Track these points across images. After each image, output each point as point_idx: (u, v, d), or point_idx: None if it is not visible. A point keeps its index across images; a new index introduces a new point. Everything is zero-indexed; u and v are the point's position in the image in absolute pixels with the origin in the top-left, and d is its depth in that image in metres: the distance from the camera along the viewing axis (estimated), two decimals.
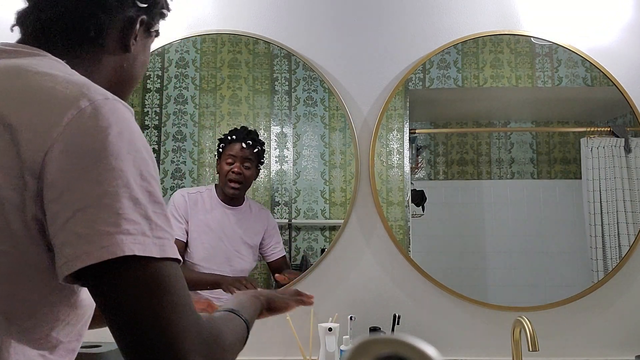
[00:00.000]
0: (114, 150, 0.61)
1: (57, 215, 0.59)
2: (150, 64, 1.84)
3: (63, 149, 0.60)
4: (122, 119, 0.64)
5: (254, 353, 1.72)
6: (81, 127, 0.61)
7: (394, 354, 0.37)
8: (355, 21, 1.86)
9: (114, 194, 0.60)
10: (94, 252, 0.58)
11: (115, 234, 0.58)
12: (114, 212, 0.59)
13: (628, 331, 1.71)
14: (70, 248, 0.58)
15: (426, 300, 1.74)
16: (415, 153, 1.83)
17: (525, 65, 1.81)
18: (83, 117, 0.61)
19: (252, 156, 1.76)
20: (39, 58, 0.70)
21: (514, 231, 1.79)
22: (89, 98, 0.62)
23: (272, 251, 1.77)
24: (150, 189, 0.63)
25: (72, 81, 0.65)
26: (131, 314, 0.59)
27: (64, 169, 0.59)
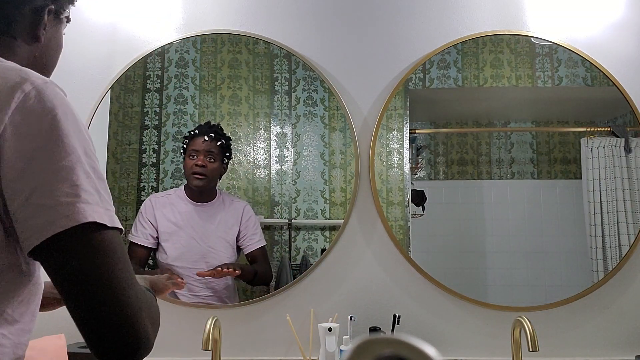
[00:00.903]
0: (63, 128, 0.66)
1: (18, 193, 0.64)
2: (150, 64, 1.84)
3: (15, 131, 0.64)
4: (63, 101, 0.69)
5: (254, 353, 1.72)
6: (29, 109, 0.65)
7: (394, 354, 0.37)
8: (356, 21, 1.86)
9: (70, 168, 0.65)
10: (59, 220, 0.63)
11: (76, 203, 0.64)
12: (73, 184, 0.65)
13: (628, 331, 1.71)
14: (35, 219, 0.63)
15: (426, 300, 1.74)
16: (415, 153, 1.83)
17: (525, 65, 1.81)
18: (29, 100, 0.66)
19: (214, 149, 1.76)
20: None
21: (514, 231, 1.79)
22: (30, 82, 0.67)
23: (247, 243, 1.76)
24: (94, 165, 0.69)
25: (7, 67, 0.69)
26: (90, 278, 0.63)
27: (19, 149, 0.64)
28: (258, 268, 1.76)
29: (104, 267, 0.64)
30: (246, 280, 1.76)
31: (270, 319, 1.74)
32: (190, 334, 1.68)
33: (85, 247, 0.64)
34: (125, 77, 1.83)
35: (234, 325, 1.72)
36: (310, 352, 1.65)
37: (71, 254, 0.64)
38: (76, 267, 0.63)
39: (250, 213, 1.77)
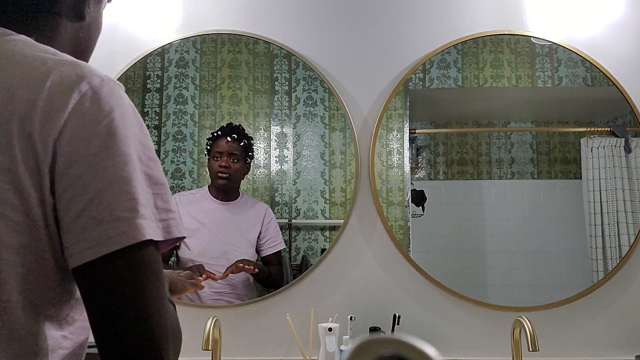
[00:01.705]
0: (120, 134, 0.62)
1: (72, 202, 0.60)
2: (150, 64, 1.85)
3: (71, 135, 0.60)
4: (120, 100, 0.64)
5: (254, 353, 1.72)
6: (85, 112, 0.61)
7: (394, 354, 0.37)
8: (356, 21, 1.86)
9: (127, 179, 0.61)
10: (117, 237, 0.59)
11: (134, 218, 0.60)
12: (131, 197, 0.61)
13: (628, 331, 1.71)
14: (90, 233, 0.59)
15: (426, 300, 1.74)
16: (415, 153, 1.83)
17: (525, 65, 1.81)
18: (85, 102, 0.61)
19: (237, 150, 1.78)
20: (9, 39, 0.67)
21: (514, 231, 1.79)
22: (87, 81, 0.62)
23: (267, 246, 1.78)
24: (150, 171, 0.65)
25: (61, 62, 0.64)
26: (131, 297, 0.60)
27: (74, 156, 0.60)
28: (272, 270, 1.78)
29: (147, 287, 0.62)
30: (260, 279, 1.77)
31: (270, 319, 1.74)
32: (190, 334, 1.68)
33: (135, 266, 0.61)
34: (125, 77, 1.83)
35: (234, 325, 1.72)
36: (310, 352, 1.65)
37: (120, 271, 0.60)
38: (120, 284, 0.60)
39: (272, 216, 1.79)
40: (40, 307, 0.63)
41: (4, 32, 0.68)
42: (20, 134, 0.59)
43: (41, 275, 0.62)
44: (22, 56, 0.64)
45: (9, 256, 0.60)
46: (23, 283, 0.61)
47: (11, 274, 0.60)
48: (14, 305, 0.61)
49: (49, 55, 0.65)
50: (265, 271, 1.77)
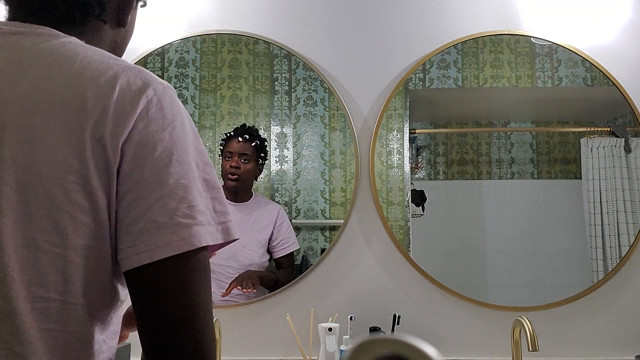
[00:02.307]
0: (182, 142, 0.64)
1: (134, 204, 0.61)
2: (150, 64, 1.85)
3: (138, 140, 0.62)
4: (180, 108, 0.67)
5: (254, 353, 1.72)
6: (151, 118, 0.63)
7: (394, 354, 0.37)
8: (356, 21, 1.86)
9: (187, 187, 0.63)
10: (175, 242, 0.60)
11: (192, 225, 0.62)
12: (190, 204, 0.62)
13: (628, 331, 1.71)
14: (149, 236, 0.60)
15: (426, 300, 1.74)
16: (415, 153, 1.83)
17: (525, 65, 1.81)
18: (151, 107, 0.63)
19: (249, 150, 1.77)
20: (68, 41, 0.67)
21: (514, 231, 1.79)
22: (153, 87, 0.64)
23: (279, 247, 1.78)
24: (207, 176, 0.66)
25: (125, 67, 0.65)
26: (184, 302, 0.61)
27: (138, 160, 0.61)
28: (280, 275, 1.77)
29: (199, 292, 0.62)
30: (267, 287, 1.77)
31: (270, 319, 1.74)
32: None
33: (190, 271, 0.62)
34: None
35: (234, 325, 1.72)
36: (310, 352, 1.65)
37: (176, 275, 0.61)
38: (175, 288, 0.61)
39: (285, 217, 1.78)
40: (95, 311, 0.64)
41: (56, 33, 0.68)
42: (93, 137, 0.60)
43: (101, 279, 0.63)
44: (89, 60, 0.64)
45: (76, 258, 0.60)
46: (86, 285, 0.62)
47: (77, 275, 0.61)
48: (78, 307, 0.61)
49: (112, 60, 0.66)
50: (271, 278, 1.76)
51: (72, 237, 0.60)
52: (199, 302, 0.62)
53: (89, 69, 0.63)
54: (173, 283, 0.61)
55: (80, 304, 0.61)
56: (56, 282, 0.60)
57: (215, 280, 1.72)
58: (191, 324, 0.61)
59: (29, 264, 0.59)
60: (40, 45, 0.65)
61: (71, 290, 0.60)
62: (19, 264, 0.58)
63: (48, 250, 0.59)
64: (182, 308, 0.61)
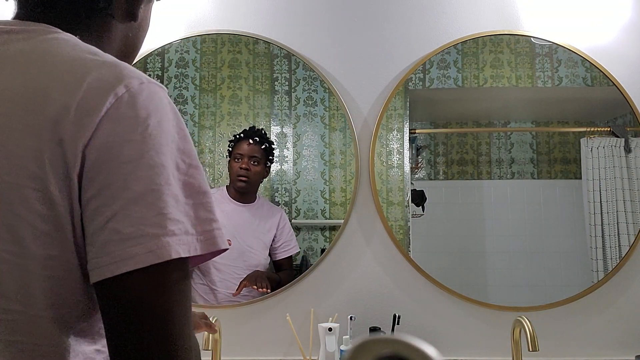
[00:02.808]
0: (155, 144, 0.58)
1: (97, 212, 0.56)
2: (150, 64, 1.85)
3: (102, 141, 0.56)
4: (160, 104, 0.61)
5: (254, 353, 1.72)
6: (119, 117, 0.57)
7: (394, 354, 0.37)
8: (356, 21, 1.86)
9: (157, 192, 0.57)
10: (142, 255, 0.55)
11: (161, 236, 0.56)
12: (159, 212, 0.56)
13: (628, 331, 1.71)
14: (113, 247, 0.55)
15: (426, 300, 1.74)
16: (415, 153, 1.83)
17: (525, 65, 1.81)
18: (120, 106, 0.57)
19: (258, 153, 1.78)
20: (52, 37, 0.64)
21: (514, 231, 1.79)
22: (125, 84, 0.58)
23: (281, 249, 1.79)
24: (190, 180, 0.61)
25: (102, 63, 0.60)
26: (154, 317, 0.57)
27: (103, 163, 0.56)
28: (282, 277, 1.78)
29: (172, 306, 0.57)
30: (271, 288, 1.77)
31: (270, 319, 1.74)
32: None
33: (160, 284, 0.57)
34: None
35: (234, 325, 1.72)
36: (310, 352, 1.65)
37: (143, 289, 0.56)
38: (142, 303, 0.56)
39: (286, 220, 1.79)
40: (71, 322, 0.60)
41: (47, 29, 0.65)
42: (52, 139, 0.56)
43: (70, 289, 0.59)
44: (63, 57, 0.60)
45: (37, 269, 0.57)
46: (52, 297, 0.58)
47: (40, 287, 0.57)
48: (43, 320, 0.58)
49: (90, 56, 0.61)
50: (276, 280, 1.77)
51: (31, 246, 0.56)
52: (169, 319, 0.57)
53: (61, 66, 0.59)
54: (141, 298, 0.56)
55: (48, 317, 0.57)
56: (17, 293, 0.56)
57: (223, 280, 1.72)
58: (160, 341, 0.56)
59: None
60: (19, 43, 0.62)
61: (34, 303, 0.57)
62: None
63: (7, 259, 0.56)
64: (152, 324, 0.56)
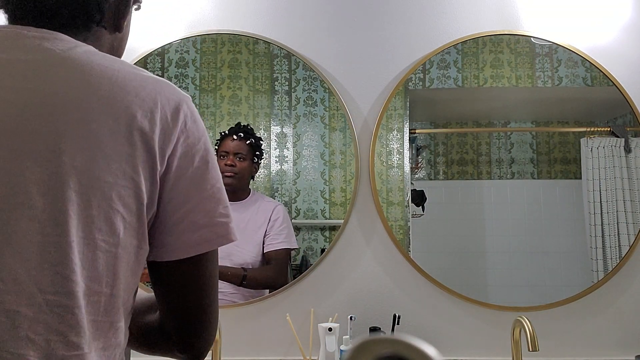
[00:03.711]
0: (210, 150, 0.74)
1: (177, 209, 0.70)
2: (150, 64, 1.85)
3: (180, 152, 0.70)
4: (201, 119, 0.75)
5: (254, 353, 1.72)
6: (189, 131, 0.71)
7: (394, 354, 0.37)
8: (356, 21, 1.86)
9: (221, 190, 0.74)
10: (216, 239, 0.72)
11: (229, 223, 0.73)
12: (224, 205, 0.73)
13: (628, 331, 1.71)
14: (190, 235, 0.70)
15: (426, 300, 1.74)
16: (415, 153, 1.83)
17: (525, 65, 1.81)
18: (188, 122, 0.71)
19: (244, 149, 1.77)
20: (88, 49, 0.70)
21: (514, 231, 1.79)
22: (185, 102, 0.72)
23: (268, 242, 1.76)
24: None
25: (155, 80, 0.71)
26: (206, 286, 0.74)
27: (181, 170, 0.70)
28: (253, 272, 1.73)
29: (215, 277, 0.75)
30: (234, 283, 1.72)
31: (270, 319, 1.74)
32: None
33: (212, 260, 0.74)
34: None
35: (234, 325, 1.72)
36: (310, 352, 1.65)
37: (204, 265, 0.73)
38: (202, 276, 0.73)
39: (280, 214, 1.77)
40: (126, 302, 0.70)
41: (76, 42, 0.71)
42: (143, 147, 0.66)
43: (136, 273, 0.70)
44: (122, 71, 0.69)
45: (124, 255, 0.67)
46: (125, 280, 0.68)
47: (123, 270, 0.67)
48: (119, 300, 0.68)
49: (139, 72, 0.72)
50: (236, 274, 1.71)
51: (123, 236, 0.66)
52: (214, 286, 0.75)
53: (127, 80, 0.68)
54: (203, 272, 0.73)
55: (121, 297, 0.68)
56: (107, 277, 0.66)
57: None
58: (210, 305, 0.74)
59: (88, 261, 0.64)
60: (69, 52, 0.68)
61: (117, 284, 0.67)
62: (81, 262, 0.63)
63: (104, 248, 0.65)
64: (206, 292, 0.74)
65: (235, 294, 1.74)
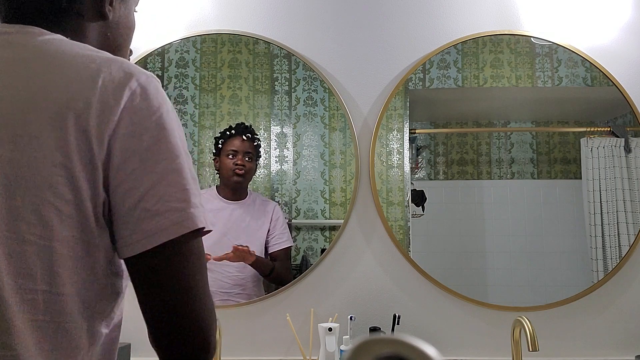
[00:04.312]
0: (169, 128, 0.65)
1: (127, 196, 0.63)
2: (150, 64, 1.85)
3: (124, 132, 0.62)
4: (164, 97, 0.68)
5: (254, 353, 1.72)
6: (136, 109, 0.64)
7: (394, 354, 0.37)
8: (356, 21, 1.86)
9: (178, 171, 0.64)
10: (171, 227, 0.62)
11: (187, 208, 0.64)
12: (182, 188, 0.64)
13: (628, 331, 1.71)
14: (145, 224, 0.62)
15: (426, 300, 1.74)
16: (415, 153, 1.83)
17: (525, 65, 1.81)
18: (135, 98, 0.64)
19: (252, 149, 1.78)
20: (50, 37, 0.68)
21: (514, 231, 1.79)
22: (136, 78, 0.65)
23: (273, 242, 1.78)
24: (191, 163, 0.68)
25: (107, 60, 0.66)
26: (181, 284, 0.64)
27: (128, 152, 0.62)
28: (277, 265, 1.78)
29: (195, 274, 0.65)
30: (262, 272, 1.76)
31: (270, 319, 1.74)
32: None
33: (186, 254, 0.65)
34: None
35: (234, 325, 1.72)
36: (311, 352, 1.65)
37: (172, 259, 0.64)
38: (171, 272, 0.64)
39: (280, 213, 1.78)
40: (90, 302, 0.65)
41: (40, 31, 0.69)
42: (77, 130, 0.61)
43: (91, 269, 0.64)
44: (70, 54, 0.65)
45: (62, 249, 0.61)
46: (74, 276, 0.63)
47: (64, 267, 0.62)
48: (66, 298, 0.62)
49: (94, 53, 0.67)
50: (268, 263, 1.76)
51: (57, 228, 0.61)
52: (195, 285, 0.65)
53: (72, 63, 0.64)
54: (171, 268, 0.63)
55: (69, 295, 0.62)
56: (43, 273, 0.61)
57: (215, 280, 1.72)
58: (191, 306, 0.64)
59: (15, 255, 0.60)
60: (27, 43, 0.67)
61: (58, 282, 0.61)
62: (5, 256, 0.59)
63: (33, 241, 0.60)
64: (181, 290, 0.64)
65: (240, 294, 1.74)
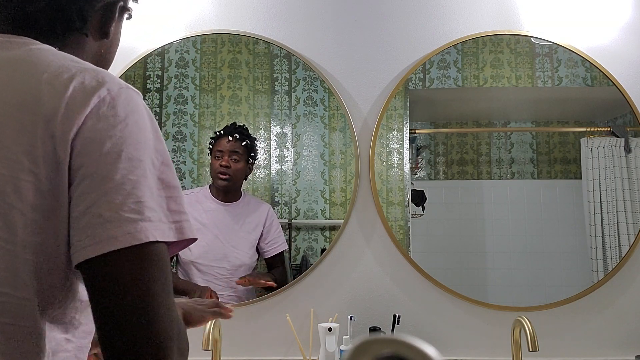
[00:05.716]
0: (133, 140, 0.65)
1: (81, 199, 0.62)
2: (150, 64, 1.85)
3: (86, 136, 0.63)
4: (137, 108, 0.67)
5: (254, 353, 1.73)
6: (101, 116, 0.64)
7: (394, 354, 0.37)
8: (356, 21, 1.86)
9: (135, 182, 0.63)
10: (122, 236, 0.61)
11: (139, 220, 0.62)
12: (137, 200, 0.63)
13: (628, 331, 1.71)
14: (95, 230, 0.61)
15: (426, 300, 1.74)
16: (415, 153, 1.83)
17: (525, 65, 1.81)
18: (103, 106, 0.64)
19: (239, 149, 1.77)
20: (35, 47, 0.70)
21: (514, 231, 1.79)
22: (107, 87, 0.66)
23: (268, 247, 1.77)
24: (162, 175, 0.67)
25: (84, 69, 0.67)
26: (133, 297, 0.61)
27: (87, 155, 0.63)
28: (276, 274, 1.77)
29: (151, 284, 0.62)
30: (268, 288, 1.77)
31: (270, 319, 1.74)
32: (190, 334, 1.67)
33: (138, 264, 0.62)
34: (125, 77, 1.83)
35: (234, 325, 1.72)
36: (311, 352, 1.65)
37: (123, 268, 0.62)
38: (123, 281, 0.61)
39: (274, 217, 1.78)
40: (48, 308, 0.64)
41: (31, 41, 0.71)
42: (44, 135, 0.62)
43: (52, 275, 0.64)
44: (49, 63, 0.67)
45: (27, 255, 0.62)
46: (38, 281, 0.63)
47: (27, 271, 0.62)
48: (28, 302, 0.62)
49: (72, 63, 0.68)
50: (270, 277, 1.77)
51: (21, 233, 0.61)
52: (150, 295, 0.62)
53: (48, 71, 0.66)
54: (122, 277, 0.61)
55: (32, 300, 0.62)
56: (7, 277, 0.61)
57: (207, 282, 1.72)
58: (143, 318, 0.61)
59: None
60: (9, 52, 0.69)
61: (22, 286, 0.62)
62: None
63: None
64: (132, 302, 0.61)
65: (232, 296, 1.74)
